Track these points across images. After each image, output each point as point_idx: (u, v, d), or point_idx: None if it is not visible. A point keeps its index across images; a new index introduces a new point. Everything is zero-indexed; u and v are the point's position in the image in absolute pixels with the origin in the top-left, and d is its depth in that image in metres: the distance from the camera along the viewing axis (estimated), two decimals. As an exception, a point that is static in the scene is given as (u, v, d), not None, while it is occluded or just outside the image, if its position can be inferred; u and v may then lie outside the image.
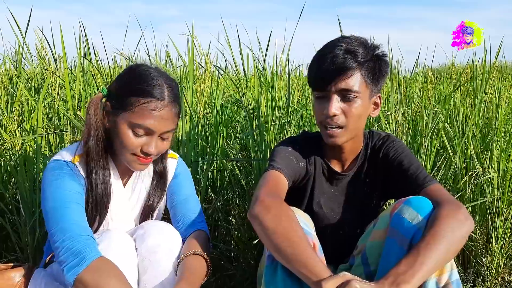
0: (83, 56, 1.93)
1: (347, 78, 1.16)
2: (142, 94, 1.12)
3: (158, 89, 1.13)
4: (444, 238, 0.97)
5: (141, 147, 1.15)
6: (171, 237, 1.18)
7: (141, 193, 1.30)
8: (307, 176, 1.31)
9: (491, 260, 1.90)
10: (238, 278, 1.87)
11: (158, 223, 1.22)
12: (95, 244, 1.07)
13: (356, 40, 1.20)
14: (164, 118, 1.14)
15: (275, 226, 1.00)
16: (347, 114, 1.19)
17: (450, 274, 1.02)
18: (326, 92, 1.19)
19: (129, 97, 1.12)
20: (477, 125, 2.02)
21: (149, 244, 1.14)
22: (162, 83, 1.14)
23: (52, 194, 1.12)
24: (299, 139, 1.34)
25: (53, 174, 1.14)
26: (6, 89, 2.01)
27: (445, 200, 1.09)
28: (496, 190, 1.89)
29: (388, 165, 1.28)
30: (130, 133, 1.14)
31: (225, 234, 2.10)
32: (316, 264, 0.94)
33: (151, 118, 1.12)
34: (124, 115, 1.13)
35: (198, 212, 1.30)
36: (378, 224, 1.15)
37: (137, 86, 1.13)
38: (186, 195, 1.33)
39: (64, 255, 1.03)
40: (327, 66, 1.16)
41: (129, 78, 1.17)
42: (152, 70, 1.17)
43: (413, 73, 2.75)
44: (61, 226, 1.07)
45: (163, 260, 1.13)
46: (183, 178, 1.36)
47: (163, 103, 1.13)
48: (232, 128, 2.53)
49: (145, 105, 1.11)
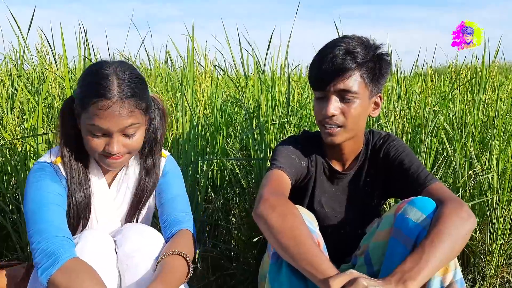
0: (84, 56, 1.94)
1: (345, 79, 1.17)
2: (92, 94, 1.07)
3: (106, 86, 1.07)
4: (449, 236, 0.98)
5: (104, 148, 1.11)
6: (150, 241, 1.15)
7: (126, 193, 1.28)
8: (309, 175, 1.32)
9: (491, 259, 1.90)
10: (239, 277, 1.87)
11: (138, 226, 1.20)
12: (71, 245, 1.06)
13: (356, 40, 1.20)
14: (115, 115, 1.07)
15: (280, 225, 1.00)
16: (346, 114, 1.20)
17: (455, 273, 1.03)
18: (325, 93, 1.20)
19: (84, 98, 1.09)
20: (477, 124, 2.03)
21: (126, 249, 1.12)
22: (111, 79, 1.08)
23: (31, 196, 1.11)
24: (300, 138, 1.35)
25: (34, 176, 1.13)
26: (7, 89, 2.01)
27: (448, 198, 1.09)
28: (496, 189, 1.90)
29: (389, 164, 1.29)
30: (89, 135, 1.10)
31: (225, 233, 2.11)
32: (322, 262, 0.94)
33: (101, 118, 1.07)
34: (83, 118, 1.10)
35: (185, 211, 1.27)
36: (381, 225, 1.16)
37: (88, 86, 1.09)
38: (174, 194, 1.29)
39: (39, 256, 1.02)
40: (326, 66, 1.17)
41: (83, 79, 1.13)
42: (104, 67, 1.10)
43: (412, 73, 2.76)
44: (38, 227, 1.05)
45: (141, 264, 1.10)
46: (172, 177, 1.32)
47: (111, 101, 1.06)
48: (232, 127, 2.53)
49: (94, 105, 1.06)
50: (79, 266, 1.01)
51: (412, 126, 2.04)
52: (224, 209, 2.12)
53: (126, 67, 1.13)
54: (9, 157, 1.83)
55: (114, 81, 1.08)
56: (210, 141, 2.10)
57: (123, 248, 1.12)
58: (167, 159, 1.35)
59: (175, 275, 1.07)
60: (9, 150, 1.84)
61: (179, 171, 1.37)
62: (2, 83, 2.03)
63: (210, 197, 2.13)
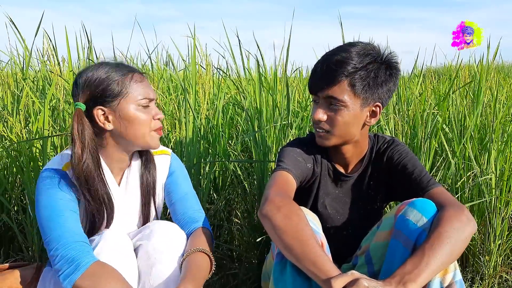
0: (88, 58, 1.96)
1: (333, 86, 1.20)
2: (122, 76, 1.18)
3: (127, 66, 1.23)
4: (448, 239, 1.00)
5: (153, 119, 1.22)
6: (176, 237, 1.20)
7: (135, 190, 1.30)
8: (314, 177, 1.34)
9: (489, 259, 1.93)
10: (241, 277, 1.90)
11: (163, 222, 1.24)
12: (90, 249, 1.08)
13: (358, 48, 1.20)
14: (148, 84, 1.23)
15: (285, 225, 1.03)
16: (332, 121, 1.23)
17: (454, 274, 1.05)
18: (316, 97, 1.25)
19: (115, 85, 1.17)
20: (475, 126, 2.06)
21: (155, 243, 1.16)
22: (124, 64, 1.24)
23: (45, 203, 1.12)
24: (306, 140, 1.37)
25: (44, 184, 1.15)
26: (12, 91, 2.04)
27: (449, 202, 1.12)
28: (494, 190, 1.92)
29: (392, 168, 1.31)
30: (141, 111, 1.19)
31: (228, 233, 2.13)
32: (325, 263, 0.96)
33: (145, 87, 1.21)
34: (124, 101, 1.18)
35: (198, 209, 1.33)
36: (382, 226, 1.18)
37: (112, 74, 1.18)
38: (184, 193, 1.34)
39: (59, 263, 1.04)
40: (317, 73, 1.23)
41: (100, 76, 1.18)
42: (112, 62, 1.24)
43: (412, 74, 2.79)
44: (55, 234, 1.08)
45: (169, 259, 1.15)
46: (179, 175, 1.37)
47: (138, 72, 1.23)
48: (233, 129, 2.56)
49: (133, 81, 1.19)
50: (102, 270, 1.03)
51: (411, 128, 2.07)
52: (226, 210, 2.15)
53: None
54: (15, 159, 1.85)
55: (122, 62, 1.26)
56: (212, 143, 2.12)
57: (152, 242, 1.16)
58: (172, 157, 1.39)
59: (201, 272, 1.12)
60: (15, 152, 1.87)
61: (184, 168, 1.41)
62: (7, 86, 2.05)
63: (212, 198, 2.16)
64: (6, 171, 1.92)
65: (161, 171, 1.35)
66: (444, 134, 2.16)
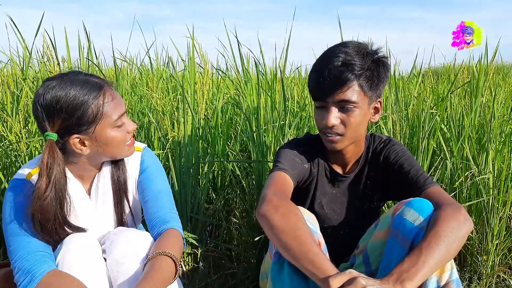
0: (86, 58, 1.97)
1: (344, 90, 1.19)
2: (93, 98, 1.11)
3: (93, 82, 1.14)
4: (445, 238, 1.01)
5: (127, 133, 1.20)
6: (138, 245, 1.15)
7: (106, 193, 1.27)
8: (311, 178, 1.35)
9: (487, 259, 1.94)
10: (240, 277, 1.90)
11: (124, 232, 1.18)
12: (48, 259, 1.06)
13: (354, 49, 1.21)
14: (118, 97, 1.18)
15: (282, 225, 1.03)
16: (346, 123, 1.22)
17: (451, 273, 1.06)
18: (325, 103, 1.22)
19: (89, 111, 1.10)
20: (473, 126, 2.06)
21: (116, 256, 1.12)
22: (91, 79, 1.15)
23: (7, 215, 1.11)
24: (303, 141, 1.38)
25: (9, 195, 1.14)
26: (12, 91, 2.05)
27: (445, 202, 1.12)
28: (492, 190, 1.93)
29: (389, 168, 1.32)
30: (116, 130, 1.16)
31: (226, 233, 2.14)
32: (322, 262, 0.97)
33: (117, 104, 1.16)
34: (100, 126, 1.13)
35: (170, 209, 1.26)
36: (379, 225, 1.19)
37: (83, 98, 1.10)
38: (157, 190, 1.28)
39: (17, 275, 1.03)
40: (325, 78, 1.19)
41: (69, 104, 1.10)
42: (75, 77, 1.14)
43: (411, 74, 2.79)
44: (14, 246, 1.07)
45: (130, 269, 1.10)
46: (152, 171, 1.32)
47: (106, 88, 1.15)
48: (232, 129, 2.56)
49: (104, 102, 1.13)
50: (57, 279, 1.01)
51: (410, 128, 2.08)
52: (225, 210, 2.16)
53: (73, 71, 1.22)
54: (14, 159, 1.86)
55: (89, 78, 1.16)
56: (211, 143, 2.13)
57: (113, 255, 1.12)
58: (144, 153, 1.34)
59: (162, 275, 1.06)
60: (14, 151, 1.88)
61: (159, 164, 1.36)
62: (7, 86, 2.06)
63: (211, 198, 2.16)
64: (5, 171, 1.92)
65: (132, 168, 1.31)
66: (442, 134, 2.17)
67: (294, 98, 2.62)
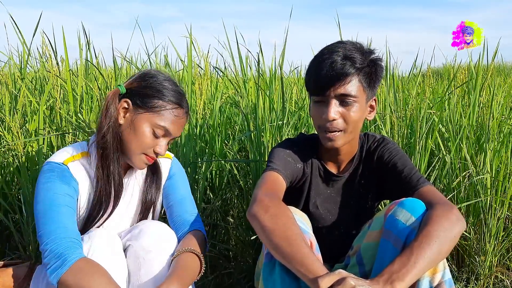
0: (85, 59, 1.97)
1: (346, 83, 1.18)
2: (170, 100, 1.21)
3: (183, 98, 1.24)
4: (437, 238, 1.00)
5: (153, 148, 1.22)
6: (166, 236, 1.20)
7: (135, 190, 1.32)
8: (304, 178, 1.35)
9: (485, 259, 1.93)
10: (236, 276, 1.91)
11: (153, 222, 1.24)
12: (79, 246, 1.09)
13: (352, 46, 1.22)
14: (181, 125, 1.25)
15: (273, 225, 1.03)
16: (346, 118, 1.22)
17: (443, 273, 1.05)
18: (324, 97, 1.21)
19: (157, 100, 1.19)
20: (471, 126, 2.06)
21: (143, 243, 1.16)
22: (183, 93, 1.26)
23: (41, 197, 1.14)
24: (296, 141, 1.38)
25: (44, 177, 1.16)
26: (10, 91, 2.05)
27: (438, 201, 1.12)
28: (489, 190, 1.92)
29: (383, 167, 1.32)
30: (149, 133, 1.20)
31: (224, 233, 2.14)
32: (312, 262, 0.97)
33: (174, 123, 1.22)
34: (147, 116, 1.19)
35: (194, 213, 1.33)
36: (372, 226, 1.18)
37: (166, 91, 1.21)
38: (182, 196, 1.35)
39: (48, 257, 1.05)
40: (326, 72, 1.18)
41: (156, 82, 1.22)
42: (170, 78, 1.26)
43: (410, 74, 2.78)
44: (47, 229, 1.09)
45: (157, 258, 1.15)
46: (178, 179, 1.39)
47: (184, 111, 1.25)
48: (230, 129, 2.56)
49: (172, 111, 1.21)
50: (88, 266, 1.04)
51: (409, 128, 2.07)
52: (222, 210, 2.15)
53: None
54: (11, 159, 1.86)
55: (184, 95, 1.27)
56: (209, 142, 2.13)
57: (141, 241, 1.16)
58: (173, 161, 1.41)
59: (189, 272, 1.12)
60: (11, 151, 1.88)
61: (184, 172, 1.43)
62: (5, 86, 2.06)
63: (209, 198, 2.16)
64: (2, 171, 1.93)
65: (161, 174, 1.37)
66: (440, 134, 2.17)
67: (292, 98, 2.62)
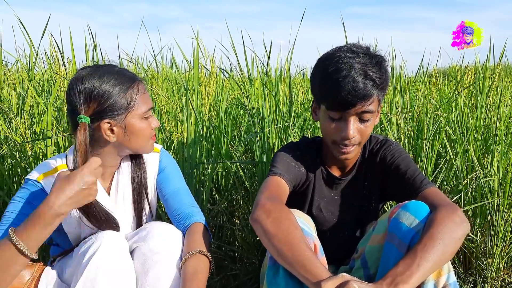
0: (92, 60, 1.98)
1: (367, 104, 1.16)
2: (128, 89, 1.19)
3: (127, 74, 1.22)
4: (441, 240, 1.00)
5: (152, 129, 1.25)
6: (173, 237, 1.20)
7: (126, 192, 1.31)
8: (307, 181, 1.34)
9: (492, 262, 1.92)
10: (242, 278, 1.91)
11: (160, 223, 1.24)
12: None
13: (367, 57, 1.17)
14: (147, 92, 1.26)
15: (275, 230, 1.03)
16: (362, 133, 1.21)
17: (448, 276, 1.05)
18: (343, 114, 1.19)
19: (122, 98, 1.18)
20: (479, 128, 2.04)
21: (151, 245, 1.16)
22: (126, 72, 1.23)
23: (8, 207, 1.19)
24: (300, 144, 1.38)
25: (17, 194, 1.21)
26: (17, 92, 2.07)
27: (442, 203, 1.11)
28: (497, 192, 1.91)
29: (386, 168, 1.31)
30: (144, 122, 1.22)
31: (229, 234, 2.14)
32: (315, 266, 0.97)
33: (146, 98, 1.23)
34: (131, 115, 1.20)
35: (191, 203, 1.32)
36: (377, 229, 1.18)
37: (119, 87, 1.18)
38: (176, 188, 1.34)
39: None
40: (348, 92, 1.13)
41: (107, 89, 1.17)
42: (112, 68, 1.22)
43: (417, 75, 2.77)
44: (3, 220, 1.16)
45: (166, 260, 1.15)
46: (170, 171, 1.38)
47: (138, 82, 1.23)
48: (236, 130, 2.56)
49: (138, 93, 1.21)
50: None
51: (415, 130, 2.06)
52: (228, 211, 2.16)
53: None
54: (19, 160, 1.87)
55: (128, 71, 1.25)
56: (214, 143, 2.13)
57: (149, 243, 1.16)
58: (162, 154, 1.40)
59: (202, 275, 1.13)
60: (19, 152, 1.89)
61: (175, 164, 1.42)
62: (13, 87, 2.08)
63: (214, 199, 2.17)
64: (10, 172, 1.94)
65: (151, 168, 1.36)
66: (447, 136, 2.15)
67: (298, 99, 2.62)
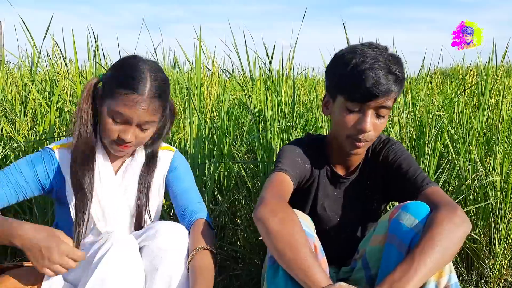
0: (94, 61, 1.98)
1: (388, 99, 1.16)
2: (125, 85, 1.17)
3: (141, 83, 1.18)
4: (439, 243, 0.99)
5: (118, 134, 1.21)
6: (180, 236, 1.21)
7: (132, 181, 1.32)
8: (312, 178, 1.34)
9: (494, 262, 1.92)
10: (244, 278, 1.91)
11: (167, 222, 1.25)
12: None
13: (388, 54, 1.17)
14: (142, 110, 1.18)
15: (278, 230, 1.03)
16: (376, 129, 1.20)
17: (449, 277, 1.04)
18: (362, 106, 1.17)
19: (115, 87, 1.18)
20: (481, 128, 2.04)
21: (160, 243, 1.17)
22: (146, 77, 1.19)
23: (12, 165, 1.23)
24: (305, 141, 1.37)
25: (30, 156, 1.25)
26: (20, 93, 2.07)
27: (442, 203, 1.10)
28: (499, 192, 1.91)
29: (388, 168, 1.31)
30: (109, 120, 1.20)
31: (232, 235, 2.14)
32: (315, 272, 0.96)
33: (130, 108, 1.17)
34: (108, 102, 1.19)
35: (198, 201, 1.34)
36: (377, 229, 1.18)
37: (123, 77, 1.19)
38: (185, 187, 1.36)
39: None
40: (373, 83, 1.13)
41: (119, 69, 1.23)
42: (141, 64, 1.21)
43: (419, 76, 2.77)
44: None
45: (173, 258, 1.16)
46: (182, 172, 1.39)
47: (142, 97, 1.17)
48: (238, 130, 2.56)
49: (126, 96, 1.17)
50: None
51: (418, 130, 2.06)
52: (230, 211, 2.16)
53: (158, 68, 1.25)
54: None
55: (148, 79, 1.19)
56: (217, 144, 2.13)
57: (157, 241, 1.17)
58: (175, 154, 1.41)
59: (210, 274, 1.14)
60: (22, 153, 1.90)
61: (188, 165, 1.43)
62: (15, 87, 2.08)
63: (216, 199, 2.17)
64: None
65: (161, 165, 1.37)
66: (450, 136, 2.15)
67: (300, 100, 2.62)
